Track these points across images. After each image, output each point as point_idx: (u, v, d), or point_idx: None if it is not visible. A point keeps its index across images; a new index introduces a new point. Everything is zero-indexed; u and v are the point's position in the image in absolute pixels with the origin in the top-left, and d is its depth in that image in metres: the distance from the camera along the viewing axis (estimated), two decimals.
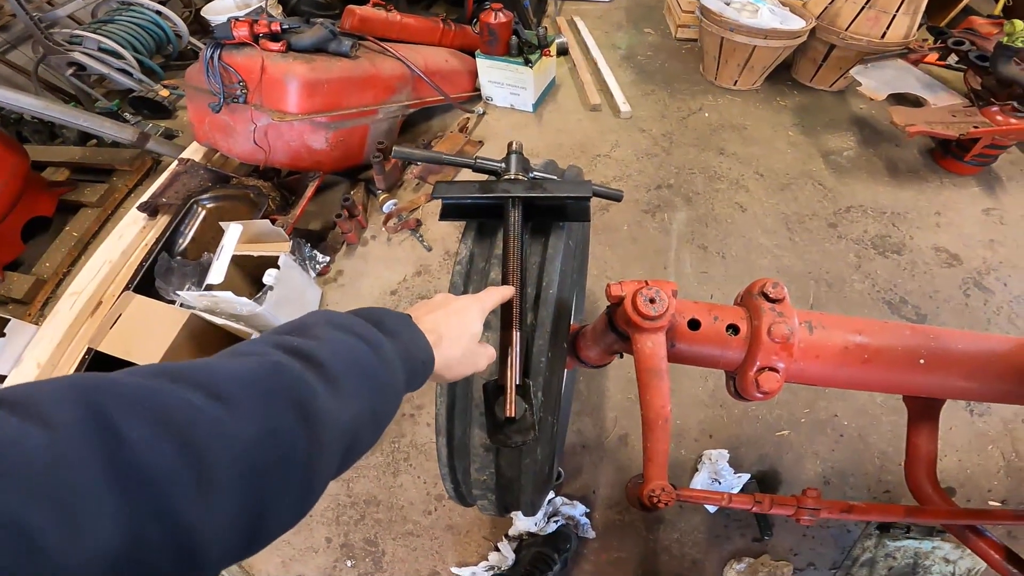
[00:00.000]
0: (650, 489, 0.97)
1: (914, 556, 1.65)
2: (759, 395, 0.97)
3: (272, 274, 1.87)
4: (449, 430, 1.07)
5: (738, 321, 0.99)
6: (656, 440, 0.97)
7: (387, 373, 0.54)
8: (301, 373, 0.44)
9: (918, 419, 1.22)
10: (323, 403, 0.44)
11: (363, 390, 0.50)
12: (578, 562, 1.68)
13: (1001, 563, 1.13)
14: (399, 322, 0.62)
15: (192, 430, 0.34)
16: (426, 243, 2.31)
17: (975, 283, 2.21)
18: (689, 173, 2.52)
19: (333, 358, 0.48)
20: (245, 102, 2.30)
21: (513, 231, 1.00)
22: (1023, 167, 2.67)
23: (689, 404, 1.89)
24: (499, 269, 1.06)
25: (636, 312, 0.91)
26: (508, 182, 1.09)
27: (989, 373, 0.98)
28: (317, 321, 0.54)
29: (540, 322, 1.01)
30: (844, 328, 1.00)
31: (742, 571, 1.65)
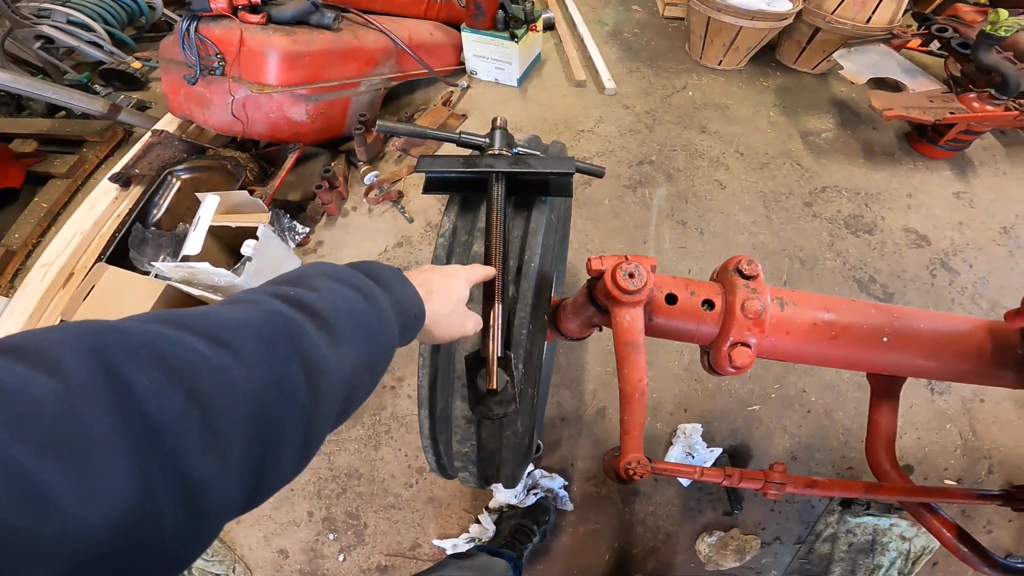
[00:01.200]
0: (626, 462, 0.98)
1: (873, 532, 1.74)
2: (731, 370, 0.99)
3: (251, 244, 1.84)
4: (431, 402, 1.09)
5: (713, 296, 1.01)
6: (633, 413, 0.99)
7: (383, 324, 0.55)
8: (302, 322, 0.44)
9: (880, 397, 1.26)
10: (323, 352, 0.44)
11: (360, 341, 0.50)
12: (557, 534, 1.73)
13: (952, 541, 1.17)
14: (393, 275, 0.64)
15: (198, 378, 0.34)
16: (408, 214, 2.30)
17: (942, 264, 2.28)
18: (671, 150, 2.53)
19: (332, 308, 0.48)
20: (223, 74, 2.24)
21: (496, 205, 1.02)
22: (996, 153, 2.73)
23: (665, 377, 1.93)
24: (482, 242, 1.07)
25: (615, 286, 0.92)
26: (492, 157, 1.09)
27: (949, 352, 1.01)
28: (314, 272, 0.54)
29: (522, 295, 1.02)
30: (813, 305, 1.03)
31: (713, 544, 1.72)
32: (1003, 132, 2.83)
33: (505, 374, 0.94)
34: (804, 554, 1.73)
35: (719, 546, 1.71)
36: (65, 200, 2.63)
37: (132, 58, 3.13)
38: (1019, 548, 1.77)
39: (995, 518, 1.78)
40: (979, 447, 1.88)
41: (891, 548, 1.73)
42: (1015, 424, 1.92)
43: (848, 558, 1.73)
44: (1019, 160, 2.69)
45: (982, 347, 1.02)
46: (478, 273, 0.85)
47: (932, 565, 1.73)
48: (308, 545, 1.71)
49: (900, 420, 1.87)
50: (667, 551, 1.71)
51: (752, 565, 1.70)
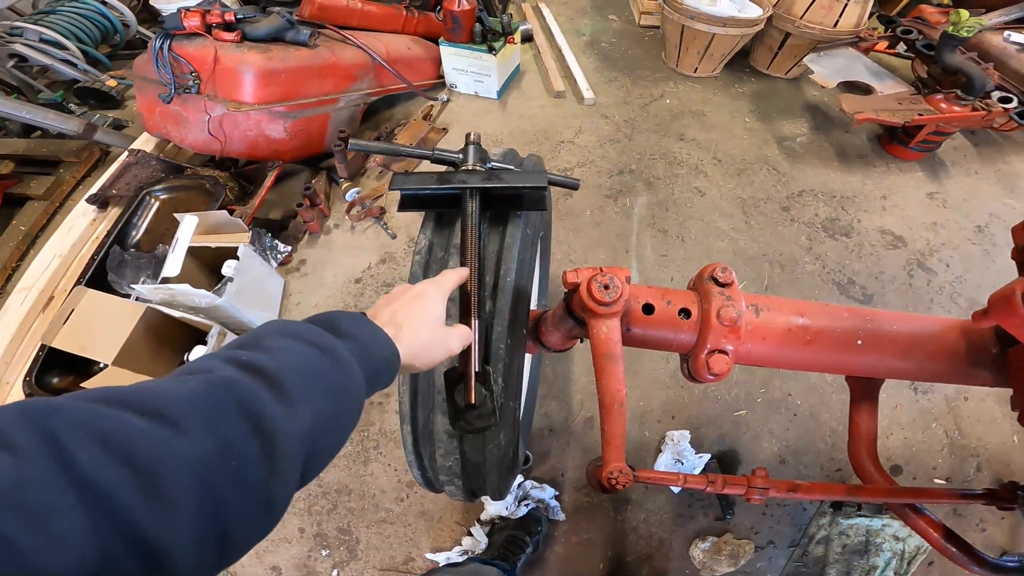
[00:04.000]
0: (608, 471, 0.98)
1: (866, 533, 1.73)
2: (710, 377, 1.01)
3: (231, 265, 1.83)
4: (413, 417, 1.10)
5: (689, 305, 1.03)
6: (613, 423, 0.99)
7: (343, 376, 0.54)
8: (250, 385, 0.45)
9: (859, 399, 1.28)
10: (274, 412, 0.44)
11: (317, 395, 0.50)
12: (550, 544, 1.73)
13: (939, 541, 1.18)
14: (353, 322, 0.62)
15: (134, 450, 0.35)
16: (390, 231, 2.30)
17: (919, 264, 2.32)
18: (650, 159, 2.56)
19: (283, 367, 0.48)
20: (198, 92, 2.24)
21: (470, 221, 1.02)
22: (966, 153, 2.79)
23: (651, 385, 1.95)
24: (457, 258, 1.08)
25: (591, 298, 0.94)
26: (465, 173, 1.10)
27: (923, 353, 1.03)
28: (269, 332, 0.54)
29: (499, 310, 1.03)
30: (788, 311, 1.05)
31: (706, 550, 1.72)
32: (973, 132, 2.90)
33: (484, 388, 0.94)
34: (798, 557, 1.73)
35: (713, 552, 1.71)
36: (43, 222, 2.60)
37: (107, 76, 3.11)
38: (1014, 545, 1.79)
39: (988, 516, 1.79)
40: (966, 445, 1.91)
41: (885, 549, 1.73)
42: (999, 421, 1.95)
43: (843, 560, 1.73)
44: (989, 159, 2.76)
45: (955, 347, 1.04)
46: (450, 281, 0.82)
47: (928, 564, 1.74)
48: (301, 562, 1.69)
49: (886, 421, 1.92)
50: (661, 558, 1.72)
51: (747, 570, 1.71)
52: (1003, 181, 2.66)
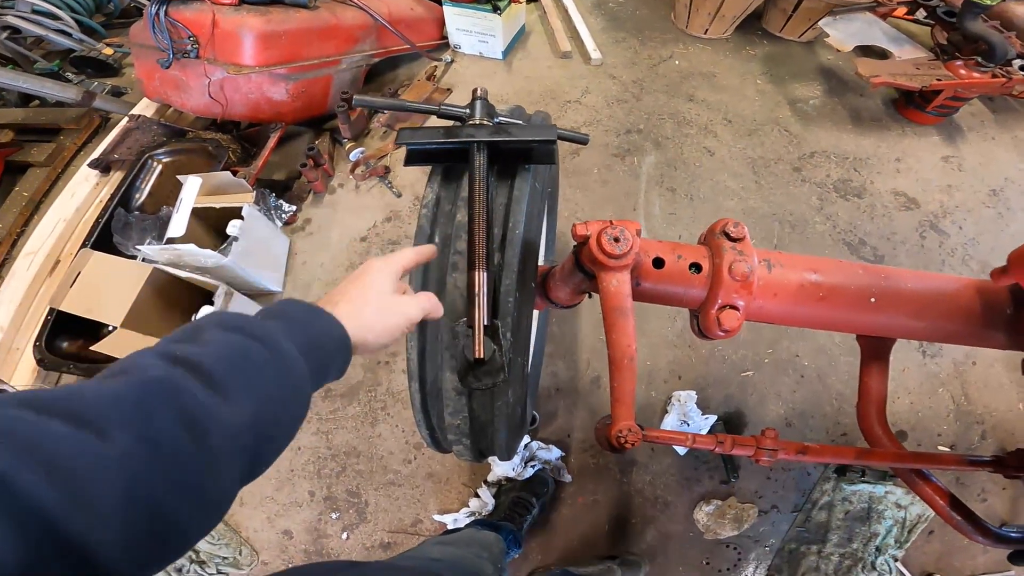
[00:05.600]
0: (617, 430, 0.97)
1: (868, 500, 1.75)
2: (720, 333, 0.99)
3: (236, 225, 1.82)
4: (421, 375, 1.08)
5: (701, 260, 1.01)
6: (622, 380, 0.97)
7: (285, 365, 0.52)
8: (182, 381, 0.44)
9: (870, 359, 1.25)
10: (208, 408, 0.44)
11: (256, 387, 0.49)
12: (556, 506, 1.73)
13: (945, 509, 1.16)
14: (298, 309, 0.59)
15: (55, 455, 0.35)
16: (395, 189, 2.28)
17: (931, 226, 2.28)
18: (659, 119, 2.51)
19: (217, 360, 0.47)
20: (197, 57, 2.20)
21: (478, 174, 1.00)
22: (984, 119, 2.73)
23: (659, 345, 1.94)
24: (465, 211, 1.06)
25: (601, 251, 0.92)
26: (473, 127, 1.08)
27: (937, 312, 1.01)
28: (208, 324, 0.53)
29: (507, 263, 1.01)
30: (801, 267, 1.02)
31: (711, 513, 1.73)
32: (991, 99, 2.83)
33: (492, 343, 0.93)
34: (801, 522, 1.74)
35: (717, 515, 1.72)
36: (46, 188, 2.59)
37: (103, 44, 3.08)
38: (1014, 517, 1.79)
39: (990, 486, 1.79)
40: (971, 412, 1.89)
41: (887, 516, 1.74)
42: (1006, 388, 1.94)
43: (845, 526, 1.74)
44: (1008, 126, 2.69)
45: (971, 307, 1.01)
46: (404, 256, 0.76)
47: (928, 533, 1.74)
48: (311, 525, 1.71)
49: (892, 384, 1.89)
50: (665, 521, 1.73)
51: (750, 534, 1.72)
52: (1020, 148, 2.60)
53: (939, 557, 1.73)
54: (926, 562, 1.73)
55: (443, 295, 1.03)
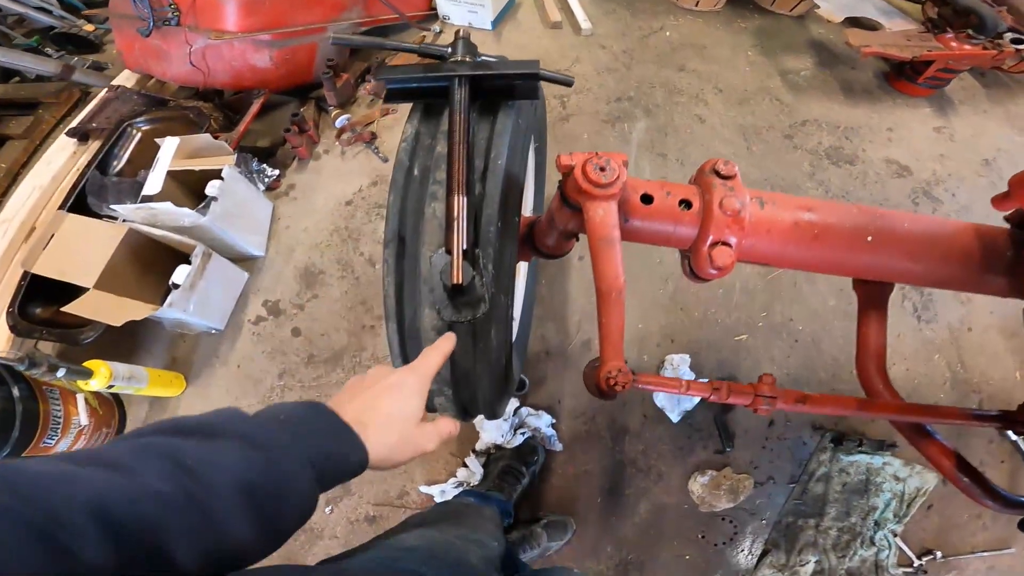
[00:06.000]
0: (607, 371, 0.92)
1: (866, 472, 1.71)
2: (713, 271, 0.96)
3: (215, 185, 1.77)
4: (399, 314, 1.03)
5: (690, 196, 0.98)
6: (611, 314, 0.93)
7: (293, 493, 0.50)
8: None
9: (867, 307, 1.22)
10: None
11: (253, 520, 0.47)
12: (546, 476, 1.70)
13: (952, 470, 1.12)
14: (323, 420, 0.56)
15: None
16: (381, 155, 2.23)
17: (924, 193, 2.26)
18: (649, 87, 2.48)
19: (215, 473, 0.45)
20: (178, 24, 2.16)
21: (458, 106, 0.98)
22: (975, 92, 2.71)
23: (651, 308, 1.90)
24: (444, 144, 1.02)
25: (587, 180, 0.89)
26: (454, 63, 1.06)
27: (933, 254, 0.98)
28: (220, 421, 0.51)
29: (488, 193, 0.98)
30: (794, 205, 1.00)
31: (705, 484, 1.69)
32: (982, 74, 2.81)
33: (472, 269, 0.88)
34: (798, 495, 1.70)
35: (712, 486, 1.68)
36: (24, 160, 2.53)
37: (83, 21, 3.04)
38: (1012, 489, 1.75)
39: (987, 458, 1.75)
40: (968, 380, 1.87)
41: (885, 489, 1.71)
42: (1002, 355, 1.91)
43: (842, 499, 1.71)
44: (999, 100, 2.68)
45: (969, 249, 0.98)
46: (432, 364, 0.70)
47: (927, 508, 1.71)
48: None
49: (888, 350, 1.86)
50: (660, 492, 1.69)
51: (746, 506, 1.68)
52: (1012, 121, 2.59)
53: (938, 533, 1.70)
54: (925, 538, 1.70)
55: (421, 225, 0.99)
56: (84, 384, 1.49)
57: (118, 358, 1.56)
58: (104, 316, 1.60)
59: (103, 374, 1.50)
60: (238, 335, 1.89)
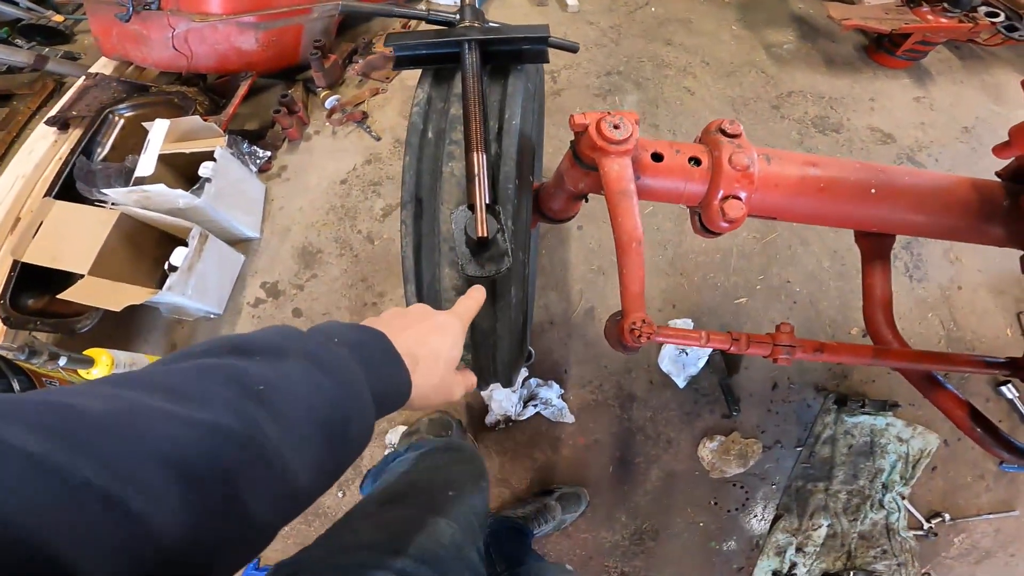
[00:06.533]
0: (631, 321, 0.93)
1: (870, 433, 1.74)
2: (724, 224, 0.98)
3: (209, 166, 1.74)
4: (417, 274, 1.03)
5: (699, 154, 1.00)
6: (631, 265, 0.94)
7: (359, 426, 0.47)
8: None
9: (871, 258, 1.26)
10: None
11: (326, 451, 0.44)
12: (557, 448, 1.70)
13: (965, 420, 1.13)
14: (381, 352, 0.54)
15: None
16: (374, 133, 2.21)
17: (908, 158, 2.32)
18: (638, 61, 2.50)
19: (280, 391, 0.42)
20: (159, 8, 2.10)
21: (471, 70, 0.99)
22: (951, 64, 2.78)
23: (651, 273, 1.92)
24: (459, 105, 1.03)
25: (601, 137, 0.91)
26: (463, 28, 1.08)
27: (935, 205, 1.02)
28: (290, 348, 0.46)
29: (504, 151, 0.99)
30: (799, 160, 1.03)
31: (715, 450, 1.71)
32: (957, 46, 2.88)
33: (495, 222, 0.90)
34: (805, 458, 1.73)
35: (721, 451, 1.70)
36: (2, 152, 2.45)
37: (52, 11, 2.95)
38: None
39: (991, 415, 1.80)
40: (961, 338, 1.92)
41: (890, 451, 1.74)
42: (992, 312, 1.97)
43: (849, 462, 1.74)
44: (975, 71, 2.75)
45: (967, 200, 1.02)
46: (471, 308, 0.72)
47: (932, 470, 1.75)
48: None
49: None
50: (670, 459, 1.71)
51: (756, 471, 1.71)
52: (988, 91, 2.66)
53: (944, 495, 1.75)
54: (932, 500, 1.75)
55: (439, 185, 0.99)
56: (86, 373, 1.46)
57: (115, 347, 1.53)
58: (102, 302, 1.57)
59: (105, 362, 1.47)
60: (237, 319, 1.86)
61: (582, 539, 1.65)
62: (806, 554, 1.67)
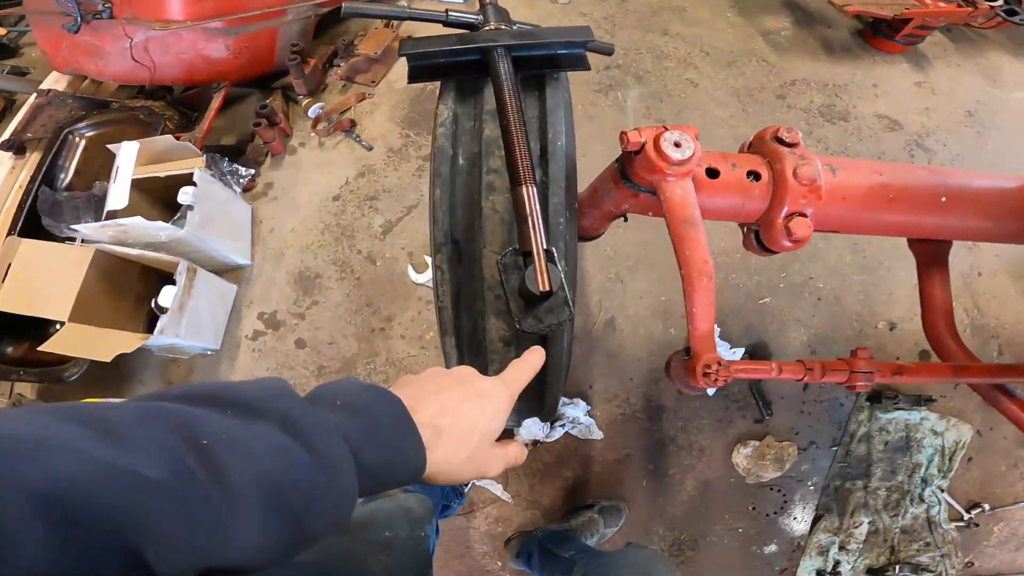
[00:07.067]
0: (704, 364, 0.84)
1: (905, 428, 1.71)
2: (788, 244, 0.90)
3: (189, 192, 1.58)
4: (457, 327, 0.89)
5: (757, 167, 0.92)
6: (701, 303, 0.85)
7: (331, 495, 0.41)
8: None
9: (929, 266, 1.20)
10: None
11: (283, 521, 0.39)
12: (588, 465, 1.64)
13: None
14: (386, 409, 0.47)
15: None
16: (365, 143, 2.06)
17: (917, 144, 2.28)
18: (636, 53, 2.40)
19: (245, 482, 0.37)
20: (111, 17, 1.91)
21: (507, 82, 0.84)
22: (946, 48, 2.75)
23: (669, 277, 1.85)
24: (493, 126, 0.91)
25: (661, 158, 0.82)
26: (492, 32, 0.93)
27: (1003, 210, 0.97)
28: (269, 407, 0.41)
29: (552, 178, 0.87)
30: (866, 169, 0.96)
31: (749, 455, 1.66)
32: (949, 30, 2.86)
33: (556, 271, 0.75)
34: (842, 457, 1.70)
35: (756, 457, 1.66)
36: None
37: None
38: None
39: None
40: (986, 325, 1.88)
41: (926, 444, 1.71)
42: (1013, 298, 1.94)
43: (886, 458, 1.71)
44: (969, 54, 2.73)
45: None
46: (524, 379, 0.61)
47: (967, 460, 1.73)
48: None
49: (907, 303, 1.86)
50: (704, 468, 1.65)
51: (792, 473, 1.66)
52: (984, 73, 2.64)
53: (981, 485, 1.73)
54: (969, 491, 1.73)
55: (479, 223, 0.87)
56: None
57: (108, 392, 1.41)
58: (89, 352, 1.42)
59: None
60: (236, 354, 1.73)
61: None
62: (849, 551, 1.64)
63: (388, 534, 0.87)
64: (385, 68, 2.24)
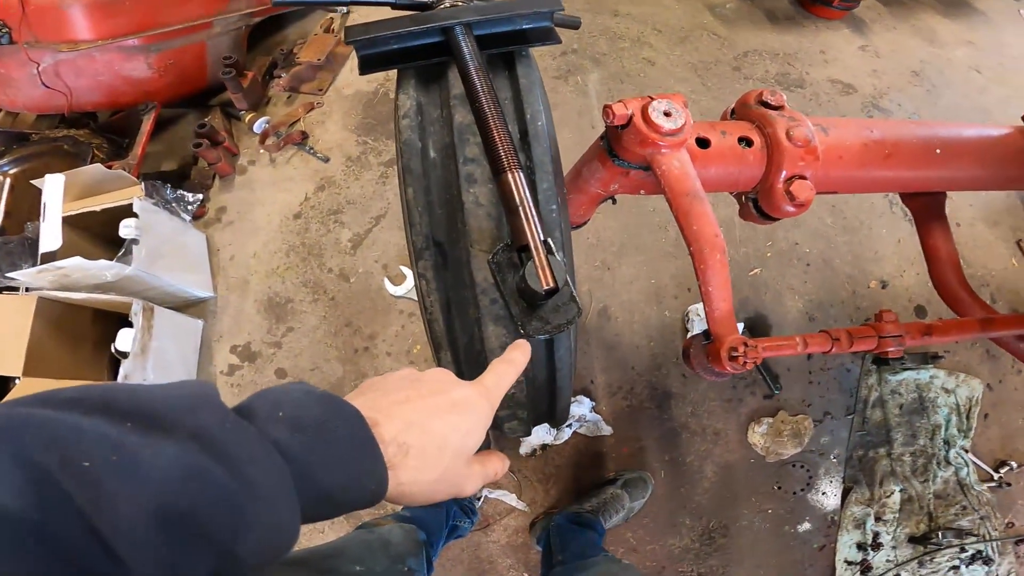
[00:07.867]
0: (730, 347, 0.79)
1: (917, 389, 1.70)
2: (792, 208, 0.86)
3: (131, 224, 1.43)
4: (451, 340, 0.80)
5: (748, 133, 0.87)
6: (717, 280, 0.79)
7: (262, 523, 0.34)
8: None
9: (927, 219, 1.17)
10: None
11: None
12: (601, 463, 1.58)
13: None
14: (343, 427, 0.39)
15: None
16: (320, 154, 1.94)
17: (874, 105, 2.31)
18: (590, 36, 2.37)
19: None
20: (11, 42, 1.75)
21: (473, 60, 0.74)
22: (880, 12, 2.81)
23: (657, 259, 1.80)
24: (464, 111, 0.79)
25: (652, 129, 0.76)
26: (451, 9, 0.82)
27: (995, 158, 0.97)
28: (180, 421, 0.33)
29: (537, 162, 0.76)
30: (855, 126, 0.94)
31: (765, 433, 1.62)
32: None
33: (559, 263, 0.65)
34: (859, 425, 1.67)
35: (772, 434, 1.62)
36: None
37: None
38: None
39: None
40: (975, 275, 1.90)
41: (940, 404, 1.70)
42: (994, 244, 1.97)
43: (904, 422, 1.68)
44: (902, 17, 2.80)
45: (1022, 148, 0.97)
46: (507, 383, 0.52)
47: (984, 417, 1.72)
48: None
49: (895, 258, 1.86)
50: (721, 451, 1.61)
51: (812, 448, 1.64)
52: (921, 34, 2.72)
53: (1003, 442, 1.72)
54: (994, 449, 1.72)
55: (462, 220, 0.75)
56: None
57: None
58: None
59: None
60: None
61: (650, 550, 1.54)
62: (886, 522, 1.60)
63: (359, 568, 0.78)
64: (331, 75, 2.11)
